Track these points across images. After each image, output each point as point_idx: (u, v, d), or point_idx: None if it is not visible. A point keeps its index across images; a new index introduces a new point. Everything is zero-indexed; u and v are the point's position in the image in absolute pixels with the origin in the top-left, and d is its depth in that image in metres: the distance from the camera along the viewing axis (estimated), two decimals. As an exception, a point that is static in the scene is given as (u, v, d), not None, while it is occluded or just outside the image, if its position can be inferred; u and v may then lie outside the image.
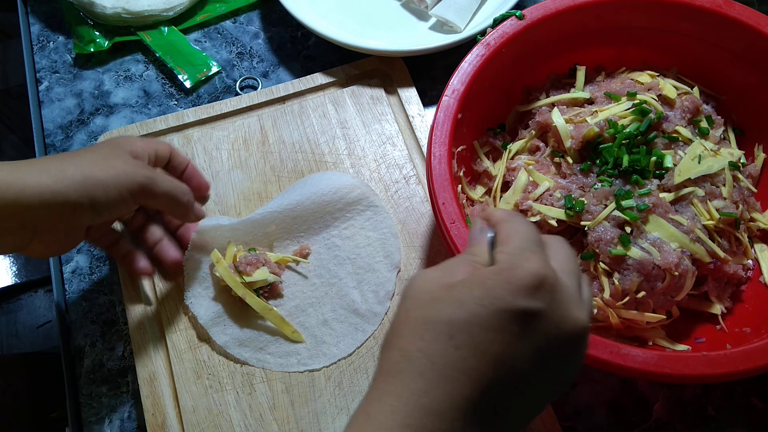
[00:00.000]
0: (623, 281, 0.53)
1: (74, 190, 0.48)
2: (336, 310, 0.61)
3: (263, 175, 0.68)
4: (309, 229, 0.64)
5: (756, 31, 0.59)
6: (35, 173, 0.47)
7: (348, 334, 0.60)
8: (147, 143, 0.56)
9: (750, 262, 0.59)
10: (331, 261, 0.63)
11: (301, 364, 0.59)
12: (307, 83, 0.74)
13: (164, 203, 0.55)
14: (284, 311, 0.61)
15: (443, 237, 0.52)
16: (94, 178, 0.49)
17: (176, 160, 0.59)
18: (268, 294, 0.61)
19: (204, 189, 0.61)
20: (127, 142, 0.54)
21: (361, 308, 0.61)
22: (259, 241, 0.64)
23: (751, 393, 0.59)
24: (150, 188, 0.52)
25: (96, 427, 0.59)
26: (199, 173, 0.61)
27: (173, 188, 0.54)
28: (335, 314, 0.61)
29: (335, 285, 0.62)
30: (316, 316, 0.61)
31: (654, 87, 0.61)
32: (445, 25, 0.77)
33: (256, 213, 0.64)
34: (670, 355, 0.47)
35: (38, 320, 1.05)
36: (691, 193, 0.56)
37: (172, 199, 0.55)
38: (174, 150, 0.59)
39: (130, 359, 0.60)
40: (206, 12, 0.83)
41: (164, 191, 0.53)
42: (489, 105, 0.63)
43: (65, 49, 0.81)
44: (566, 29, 0.63)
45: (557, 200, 0.56)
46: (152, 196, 0.53)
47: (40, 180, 0.47)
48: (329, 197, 0.64)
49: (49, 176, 0.48)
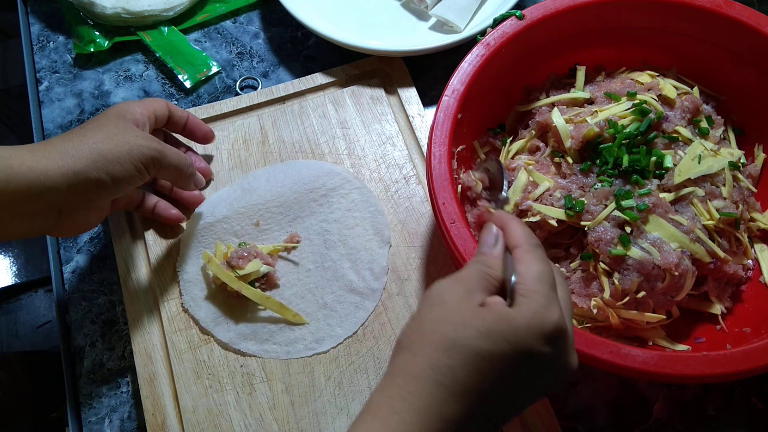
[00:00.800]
0: (623, 281, 0.53)
1: (94, 168, 0.51)
2: (335, 291, 0.62)
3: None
4: (296, 218, 0.65)
5: (756, 31, 0.59)
6: (55, 156, 0.50)
7: (350, 313, 0.61)
8: (144, 107, 0.58)
9: (750, 262, 0.59)
10: (323, 245, 0.64)
11: (308, 349, 0.59)
12: (307, 83, 0.74)
13: (171, 174, 0.58)
14: (283, 300, 0.61)
15: (443, 237, 0.52)
16: (110, 155, 0.52)
17: (176, 115, 0.63)
18: (264, 285, 0.62)
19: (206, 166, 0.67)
20: (128, 110, 0.56)
21: (359, 286, 0.62)
22: (248, 234, 0.64)
23: (751, 393, 0.59)
24: (159, 161, 0.55)
25: (96, 427, 0.59)
26: (200, 123, 0.65)
27: (179, 161, 0.58)
28: (334, 296, 0.62)
29: (330, 268, 0.63)
30: (316, 301, 0.62)
31: (654, 87, 0.61)
32: (445, 25, 0.77)
33: (241, 204, 0.65)
34: (670, 355, 0.47)
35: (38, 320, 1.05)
36: (691, 193, 0.56)
37: (178, 171, 0.58)
38: (171, 106, 0.62)
39: (130, 359, 0.60)
40: (206, 12, 0.83)
41: (171, 163, 0.57)
42: (489, 105, 0.63)
43: (65, 49, 0.81)
44: (566, 29, 0.63)
45: (557, 200, 0.56)
46: (161, 167, 0.56)
47: (61, 162, 0.50)
48: (311, 185, 0.66)
49: (69, 157, 0.50)
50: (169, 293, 0.62)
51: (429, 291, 0.41)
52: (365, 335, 0.60)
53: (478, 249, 0.44)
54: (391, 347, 0.59)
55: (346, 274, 0.63)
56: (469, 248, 0.51)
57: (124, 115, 0.55)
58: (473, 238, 0.51)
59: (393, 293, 0.62)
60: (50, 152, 0.50)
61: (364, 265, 0.63)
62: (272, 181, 0.67)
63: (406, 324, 0.40)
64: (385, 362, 0.59)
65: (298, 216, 0.65)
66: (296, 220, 0.65)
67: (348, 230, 0.65)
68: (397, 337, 0.41)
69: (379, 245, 0.64)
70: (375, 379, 0.58)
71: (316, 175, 0.67)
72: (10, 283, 1.09)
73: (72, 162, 0.50)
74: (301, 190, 0.66)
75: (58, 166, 0.49)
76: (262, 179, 0.67)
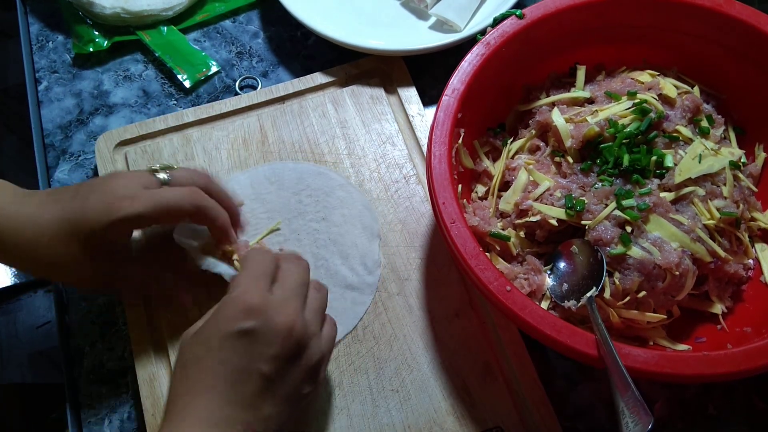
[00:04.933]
0: (624, 281, 0.53)
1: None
2: (330, 289, 0.61)
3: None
4: (283, 221, 0.65)
5: (756, 30, 0.59)
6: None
7: (347, 309, 0.61)
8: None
9: (751, 261, 0.59)
10: (313, 245, 0.64)
11: None
12: (306, 83, 0.74)
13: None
14: None
15: (443, 237, 0.52)
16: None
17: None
18: None
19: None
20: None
21: (353, 282, 0.62)
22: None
23: (752, 392, 0.59)
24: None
25: (96, 427, 0.59)
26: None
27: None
28: (331, 294, 0.61)
29: (322, 266, 0.63)
30: None
31: (654, 86, 0.61)
32: (445, 24, 0.77)
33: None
34: (671, 355, 0.47)
35: (38, 320, 1.04)
36: (691, 193, 0.56)
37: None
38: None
39: (130, 359, 0.60)
40: (205, 11, 0.83)
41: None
42: (489, 104, 0.63)
43: (64, 49, 0.81)
44: (566, 28, 0.63)
45: (558, 200, 0.56)
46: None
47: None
48: (295, 188, 0.67)
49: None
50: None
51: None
52: (365, 335, 0.60)
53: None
54: (392, 347, 0.59)
55: (339, 270, 0.63)
56: (470, 248, 0.50)
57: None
58: (473, 238, 0.51)
59: (393, 293, 0.62)
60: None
61: (356, 261, 0.63)
62: (257, 187, 0.67)
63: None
64: (385, 362, 0.59)
65: (285, 218, 0.65)
66: (283, 222, 0.65)
67: (336, 228, 0.65)
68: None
69: (369, 239, 0.64)
70: (375, 379, 0.58)
71: (298, 177, 0.67)
72: (9, 283, 1.09)
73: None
74: (286, 194, 0.66)
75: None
76: (245, 184, 0.67)
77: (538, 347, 0.60)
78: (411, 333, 0.60)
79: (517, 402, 0.57)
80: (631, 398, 0.43)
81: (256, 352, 0.45)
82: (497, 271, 0.50)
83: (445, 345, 0.59)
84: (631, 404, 0.43)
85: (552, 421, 0.56)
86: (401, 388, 0.58)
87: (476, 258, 0.50)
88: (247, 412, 0.45)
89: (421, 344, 0.60)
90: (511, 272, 0.56)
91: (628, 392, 0.43)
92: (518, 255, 0.58)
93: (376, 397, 0.57)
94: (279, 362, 0.46)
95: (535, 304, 0.48)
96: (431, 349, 0.59)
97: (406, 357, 0.59)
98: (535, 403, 0.56)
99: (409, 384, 0.58)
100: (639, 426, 0.41)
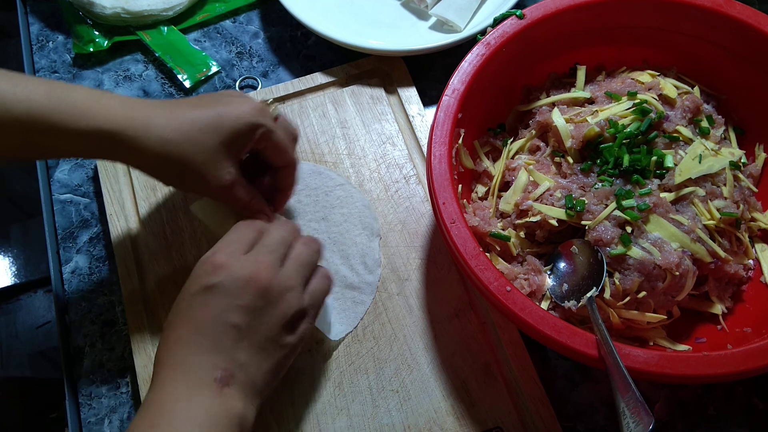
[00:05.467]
0: (624, 281, 0.53)
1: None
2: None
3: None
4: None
5: (757, 31, 0.59)
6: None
7: (348, 308, 0.61)
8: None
9: (751, 261, 0.59)
10: None
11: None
12: (306, 83, 0.74)
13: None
14: None
15: (443, 237, 0.52)
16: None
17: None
18: None
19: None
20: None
21: (354, 281, 0.62)
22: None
23: (752, 393, 0.59)
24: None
25: (95, 427, 0.59)
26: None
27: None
28: (331, 293, 0.61)
29: (323, 266, 0.62)
30: None
31: (654, 86, 0.61)
32: (445, 24, 0.77)
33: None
34: (671, 356, 0.47)
35: (38, 320, 1.04)
36: (691, 193, 0.56)
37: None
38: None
39: (130, 359, 0.60)
40: (206, 11, 0.83)
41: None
42: (489, 104, 0.63)
43: (64, 49, 0.81)
44: (566, 28, 0.63)
45: (558, 200, 0.56)
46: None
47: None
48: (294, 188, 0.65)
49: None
50: (170, 293, 0.62)
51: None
52: (365, 335, 0.60)
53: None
54: (392, 347, 0.59)
55: (339, 270, 0.63)
56: (470, 248, 0.50)
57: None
58: (473, 238, 0.51)
59: (393, 293, 0.62)
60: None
61: (356, 260, 0.63)
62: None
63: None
64: (385, 362, 0.59)
65: (284, 218, 0.65)
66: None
67: (336, 227, 0.65)
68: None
69: (369, 239, 0.64)
70: (375, 379, 0.58)
71: (298, 176, 0.66)
72: (9, 283, 1.09)
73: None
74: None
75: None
76: None
77: (538, 347, 0.60)
78: (411, 333, 0.60)
79: (517, 402, 0.57)
80: (631, 399, 0.43)
81: (224, 303, 0.47)
82: (497, 271, 0.50)
83: (445, 345, 0.59)
84: (632, 405, 0.43)
85: (552, 422, 0.56)
86: (401, 388, 0.58)
87: (476, 258, 0.50)
88: (221, 357, 0.46)
89: (421, 344, 0.60)
90: (511, 272, 0.56)
91: (629, 393, 0.43)
92: (518, 255, 0.58)
93: (376, 397, 0.57)
94: (247, 312, 0.47)
95: (535, 305, 0.48)
96: (431, 349, 0.59)
97: (406, 357, 0.59)
98: (535, 403, 0.56)
99: (409, 384, 0.58)
100: (640, 426, 0.41)
